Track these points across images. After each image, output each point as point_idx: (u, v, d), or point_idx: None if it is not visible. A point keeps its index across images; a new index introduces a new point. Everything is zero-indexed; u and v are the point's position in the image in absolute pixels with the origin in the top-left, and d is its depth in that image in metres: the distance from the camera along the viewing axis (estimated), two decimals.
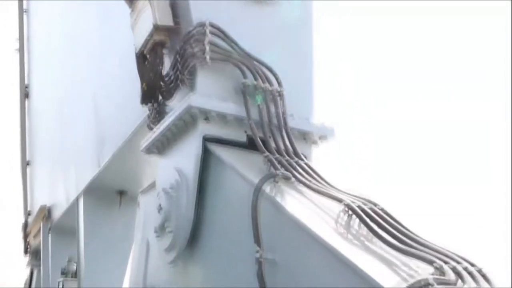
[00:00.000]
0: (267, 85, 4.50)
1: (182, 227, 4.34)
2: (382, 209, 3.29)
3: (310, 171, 3.89)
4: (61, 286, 10.06)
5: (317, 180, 3.74)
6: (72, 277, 9.71)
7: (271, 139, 4.22)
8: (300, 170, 3.84)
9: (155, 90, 5.01)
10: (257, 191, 3.41)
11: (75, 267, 9.63)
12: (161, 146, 5.02)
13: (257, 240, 3.35)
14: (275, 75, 4.62)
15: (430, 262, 2.66)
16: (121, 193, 8.36)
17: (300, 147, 4.61)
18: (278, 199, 3.40)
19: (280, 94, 4.53)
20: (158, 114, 5.11)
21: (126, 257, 7.80)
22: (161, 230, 4.62)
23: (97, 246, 8.29)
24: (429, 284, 2.31)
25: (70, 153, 9.36)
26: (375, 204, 3.35)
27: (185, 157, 4.54)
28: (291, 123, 4.56)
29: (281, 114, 4.42)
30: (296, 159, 4.05)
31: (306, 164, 4.01)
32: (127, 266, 7.30)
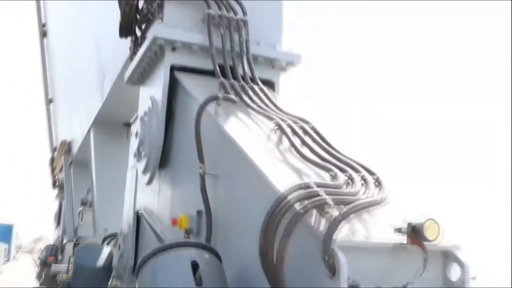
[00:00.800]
0: (231, 14, 4.75)
1: (154, 150, 4.77)
2: (312, 127, 3.61)
3: (261, 95, 4.20)
4: (81, 215, 10.85)
5: (264, 103, 4.05)
6: (90, 206, 10.42)
7: (233, 66, 4.52)
8: (251, 93, 4.16)
9: (131, 23, 5.34)
10: (200, 111, 3.76)
11: None
12: (141, 76, 5.40)
13: (200, 157, 3.73)
14: (240, 4, 4.86)
15: (329, 171, 2.99)
16: (128, 125, 8.86)
17: (267, 74, 4.93)
18: (219, 119, 3.74)
19: (245, 23, 4.78)
20: (137, 47, 5.45)
21: None
22: (138, 154, 5.08)
23: (108, 176, 8.89)
24: (308, 186, 2.65)
25: (81, 88, 9.88)
26: (307, 123, 3.67)
27: (156, 85, 4.91)
28: (258, 50, 4.84)
29: (244, 42, 4.70)
30: (251, 84, 4.35)
31: (259, 88, 4.31)
32: None
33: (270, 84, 4.88)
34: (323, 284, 2.44)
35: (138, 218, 5.58)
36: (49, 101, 14.29)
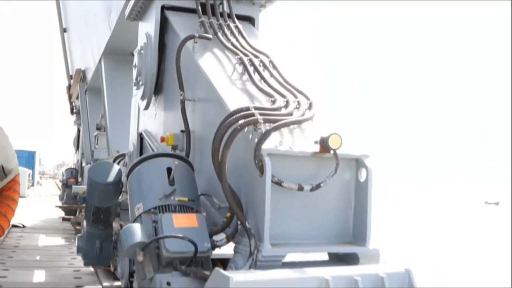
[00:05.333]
0: None
1: (149, 80, 5.71)
2: (270, 61, 4.52)
3: (235, 32, 5.07)
4: (96, 139, 12.00)
5: (236, 39, 4.93)
6: (104, 131, 11.51)
7: (213, 4, 5.35)
8: (226, 31, 5.03)
9: None
10: (179, 48, 4.68)
11: None
12: (138, 13, 6.27)
13: (180, 86, 4.68)
14: None
15: (271, 97, 3.94)
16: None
17: (248, 11, 5.75)
18: (195, 55, 4.66)
19: None
20: None
21: None
22: (137, 83, 6.04)
23: (118, 102, 9.89)
24: (248, 109, 3.60)
25: (91, 19, 10.76)
26: (267, 57, 4.58)
27: (150, 23, 5.79)
28: None
29: None
30: (228, 22, 5.21)
31: (235, 26, 5.17)
32: None
33: (250, 20, 5.74)
34: (256, 181, 3.44)
35: (141, 138, 6.61)
36: (63, 30, 15.22)
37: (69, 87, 15.91)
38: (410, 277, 3.04)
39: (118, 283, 7.11)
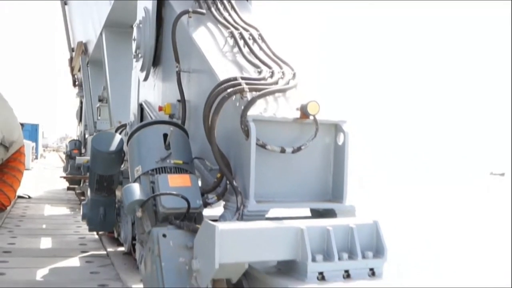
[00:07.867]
0: None
1: (147, 52, 6.13)
2: (259, 34, 4.92)
3: (228, 7, 5.46)
4: (99, 111, 12.45)
5: (229, 14, 5.33)
6: (106, 102, 11.96)
7: None
8: (219, 6, 5.42)
9: None
10: (175, 23, 5.08)
11: None
12: None
13: (176, 58, 5.10)
14: None
15: (258, 68, 4.35)
16: None
17: None
18: (189, 29, 5.06)
19: None
20: None
21: None
22: (136, 55, 6.45)
23: (119, 74, 10.32)
24: (235, 79, 4.02)
25: None
26: (257, 30, 4.98)
27: None
28: None
29: None
30: None
31: (228, 1, 5.56)
32: None
33: None
34: (243, 144, 3.88)
35: (141, 109, 7.04)
36: (64, 3, 15.56)
37: (71, 60, 16.31)
38: (377, 228, 3.48)
39: (121, 249, 7.59)
